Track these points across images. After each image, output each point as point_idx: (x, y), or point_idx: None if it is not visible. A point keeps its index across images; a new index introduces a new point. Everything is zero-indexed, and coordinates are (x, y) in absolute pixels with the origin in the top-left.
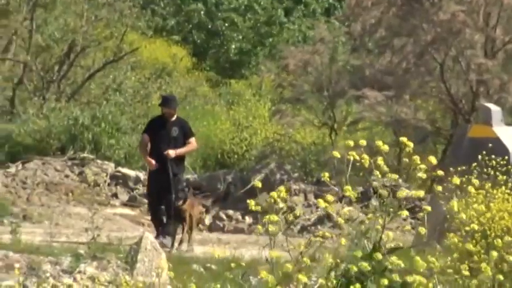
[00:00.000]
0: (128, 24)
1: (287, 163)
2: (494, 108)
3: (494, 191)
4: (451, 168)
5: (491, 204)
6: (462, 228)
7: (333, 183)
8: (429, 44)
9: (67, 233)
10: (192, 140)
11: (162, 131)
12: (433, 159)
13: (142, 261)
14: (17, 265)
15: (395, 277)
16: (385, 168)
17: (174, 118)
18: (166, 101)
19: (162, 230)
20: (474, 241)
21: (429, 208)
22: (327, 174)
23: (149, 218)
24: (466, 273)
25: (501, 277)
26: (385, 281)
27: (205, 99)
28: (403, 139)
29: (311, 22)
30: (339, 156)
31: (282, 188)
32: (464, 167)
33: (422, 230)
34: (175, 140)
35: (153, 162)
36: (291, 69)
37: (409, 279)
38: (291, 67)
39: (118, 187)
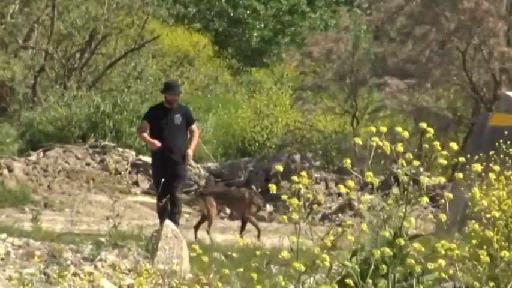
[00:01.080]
0: (149, 12)
1: (308, 151)
2: None
3: None
4: (472, 157)
5: None
6: (483, 215)
7: (354, 171)
8: (452, 33)
9: (88, 220)
10: (194, 127)
11: (165, 120)
12: (454, 146)
13: (163, 249)
14: (37, 253)
15: (417, 264)
16: (407, 156)
17: (176, 105)
18: (172, 87)
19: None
20: (495, 229)
21: (451, 196)
22: (348, 161)
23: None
24: (486, 259)
25: None
26: (407, 268)
27: (226, 87)
28: (423, 125)
29: (333, 10)
30: (360, 142)
31: (303, 173)
32: (485, 155)
33: (443, 217)
34: (179, 128)
35: (157, 141)
36: (314, 57)
37: (430, 265)
38: (315, 54)
39: (139, 175)
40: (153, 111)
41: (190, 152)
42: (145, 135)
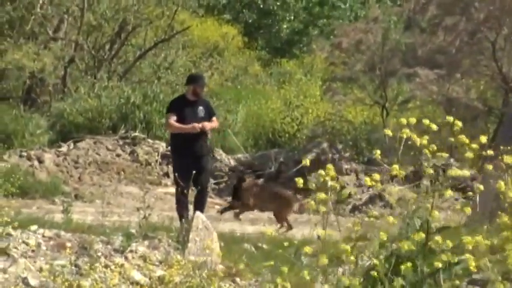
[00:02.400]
0: (179, 3)
1: (338, 142)
2: None
3: None
4: (502, 147)
5: None
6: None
7: (385, 162)
8: (481, 23)
9: (118, 212)
10: (215, 118)
11: (188, 112)
12: (483, 139)
13: (194, 241)
14: (68, 244)
15: (445, 257)
16: (432, 148)
17: (201, 97)
18: (197, 79)
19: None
20: None
21: (481, 187)
22: (378, 152)
23: None
24: None
25: None
26: (435, 261)
27: (256, 79)
28: (450, 118)
29: (362, 2)
30: (390, 134)
31: (330, 166)
32: None
33: (468, 210)
34: (202, 121)
35: (196, 124)
36: (344, 47)
37: (458, 258)
38: (344, 45)
39: (169, 166)
40: (177, 104)
41: (206, 123)
42: (177, 124)
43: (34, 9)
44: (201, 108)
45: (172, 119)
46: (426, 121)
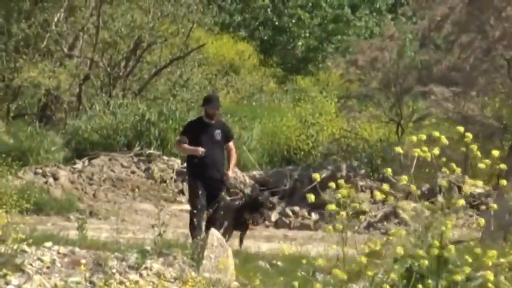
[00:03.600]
0: (194, 20)
1: (353, 159)
2: None
3: None
4: None
5: None
6: None
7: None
8: (497, 41)
9: (133, 229)
10: (232, 144)
11: (205, 135)
12: (496, 153)
13: (209, 258)
14: (83, 261)
15: (462, 273)
16: (443, 163)
17: (216, 119)
18: (211, 100)
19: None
20: None
21: (495, 206)
22: (389, 169)
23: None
24: None
25: None
26: (452, 277)
27: (271, 96)
28: (460, 128)
29: (378, 19)
30: (401, 151)
31: (341, 181)
32: None
33: (482, 222)
34: (218, 144)
35: (200, 148)
36: (360, 65)
37: (474, 275)
38: (360, 62)
39: (184, 183)
40: (193, 126)
41: (230, 173)
42: (186, 145)
43: (49, 27)
44: (217, 131)
45: (183, 141)
46: (436, 133)
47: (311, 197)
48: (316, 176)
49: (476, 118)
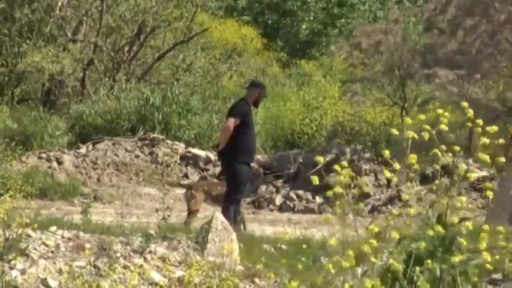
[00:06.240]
0: (198, 5)
1: (357, 143)
2: None
3: None
4: None
5: None
6: None
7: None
8: (501, 24)
9: (137, 213)
10: None
11: (251, 119)
12: (501, 140)
13: (213, 242)
14: (87, 245)
15: (462, 254)
16: (441, 147)
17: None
18: (264, 87)
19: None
20: None
21: (497, 188)
22: (387, 152)
23: None
24: None
25: None
26: (453, 258)
27: (275, 80)
28: (470, 111)
29: (382, 3)
30: (397, 133)
31: (344, 163)
32: None
33: (490, 194)
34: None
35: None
36: (363, 49)
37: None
38: (364, 46)
39: (188, 167)
40: (248, 109)
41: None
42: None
43: (53, 12)
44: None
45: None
46: (440, 110)
47: (315, 179)
48: (320, 159)
49: (480, 101)
